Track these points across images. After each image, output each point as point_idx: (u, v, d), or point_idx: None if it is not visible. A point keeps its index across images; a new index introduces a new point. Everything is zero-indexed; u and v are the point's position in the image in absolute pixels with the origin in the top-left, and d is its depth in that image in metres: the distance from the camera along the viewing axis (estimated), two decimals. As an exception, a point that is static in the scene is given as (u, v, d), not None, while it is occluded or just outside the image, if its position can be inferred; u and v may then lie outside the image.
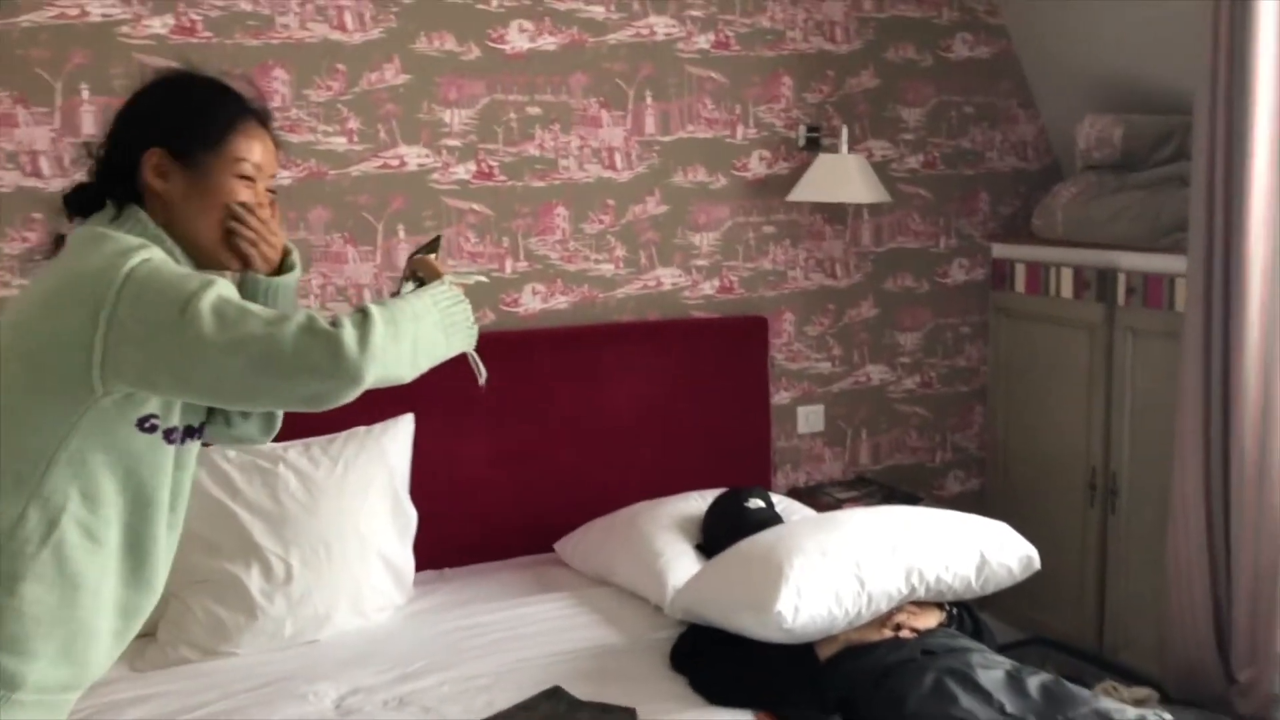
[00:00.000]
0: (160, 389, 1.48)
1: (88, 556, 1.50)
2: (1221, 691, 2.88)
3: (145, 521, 1.56)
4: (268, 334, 1.43)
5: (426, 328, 1.56)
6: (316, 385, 1.46)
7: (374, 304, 1.52)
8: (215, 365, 1.44)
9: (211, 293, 1.45)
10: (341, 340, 1.44)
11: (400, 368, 1.52)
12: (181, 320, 1.42)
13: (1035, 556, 2.47)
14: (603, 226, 3.23)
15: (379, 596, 2.66)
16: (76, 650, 1.52)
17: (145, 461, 1.53)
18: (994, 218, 3.75)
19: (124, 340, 1.43)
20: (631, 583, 2.76)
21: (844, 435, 3.64)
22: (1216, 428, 2.81)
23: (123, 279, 1.44)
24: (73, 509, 1.49)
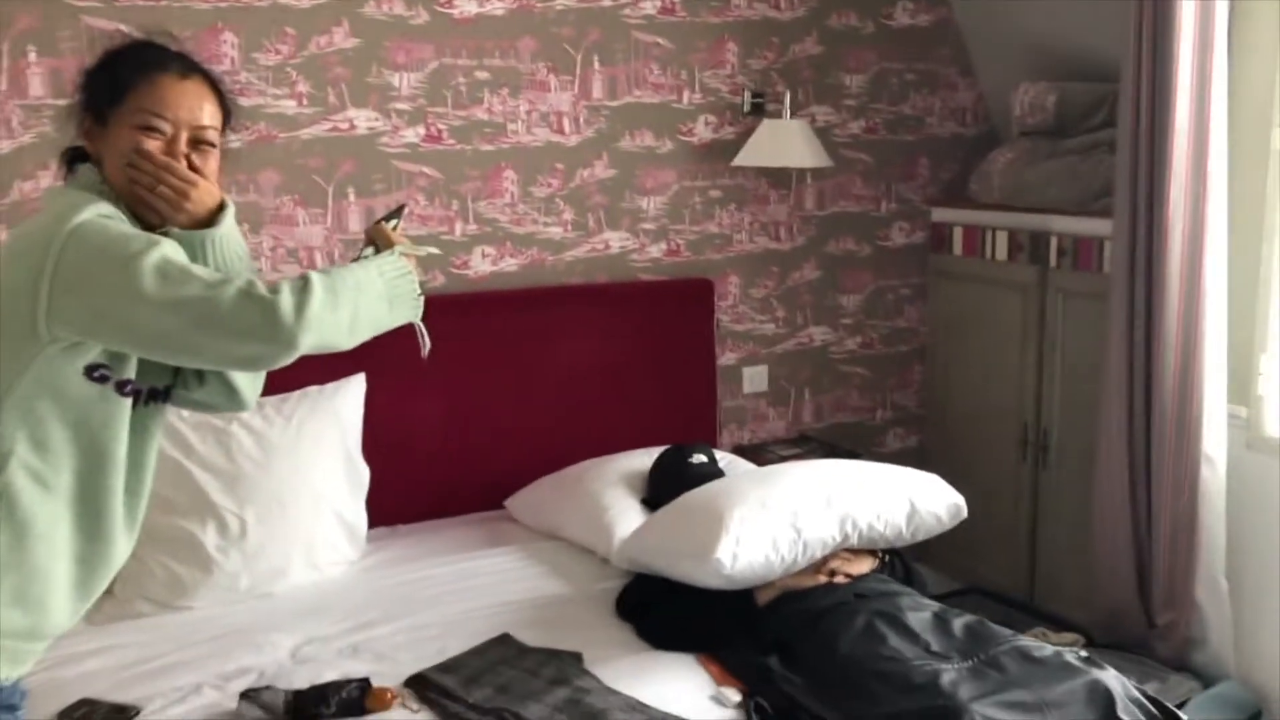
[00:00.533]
0: (104, 339, 1.55)
1: (37, 502, 1.56)
2: (1142, 635, 3.03)
3: (99, 473, 1.61)
4: (206, 296, 1.49)
5: (369, 298, 1.61)
6: (252, 348, 1.53)
7: (317, 272, 1.57)
8: (155, 321, 1.50)
9: (155, 253, 1.51)
10: (278, 306, 1.50)
11: (338, 335, 1.57)
12: (124, 276, 1.49)
13: (963, 505, 2.59)
14: (551, 190, 3.29)
15: (333, 551, 2.73)
16: (33, 596, 1.57)
17: (97, 412, 1.59)
18: (933, 182, 3.85)
19: (66, 290, 1.49)
20: (580, 536, 2.85)
21: (788, 395, 3.75)
22: (1139, 384, 2.93)
23: (67, 233, 1.50)
24: (21, 453, 1.55)
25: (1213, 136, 2.72)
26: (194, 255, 1.60)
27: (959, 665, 2.03)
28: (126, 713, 2.08)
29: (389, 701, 2.09)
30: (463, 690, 2.13)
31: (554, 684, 2.14)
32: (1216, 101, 2.71)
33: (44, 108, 2.71)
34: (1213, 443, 2.84)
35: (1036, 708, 1.88)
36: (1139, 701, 1.95)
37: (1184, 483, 2.87)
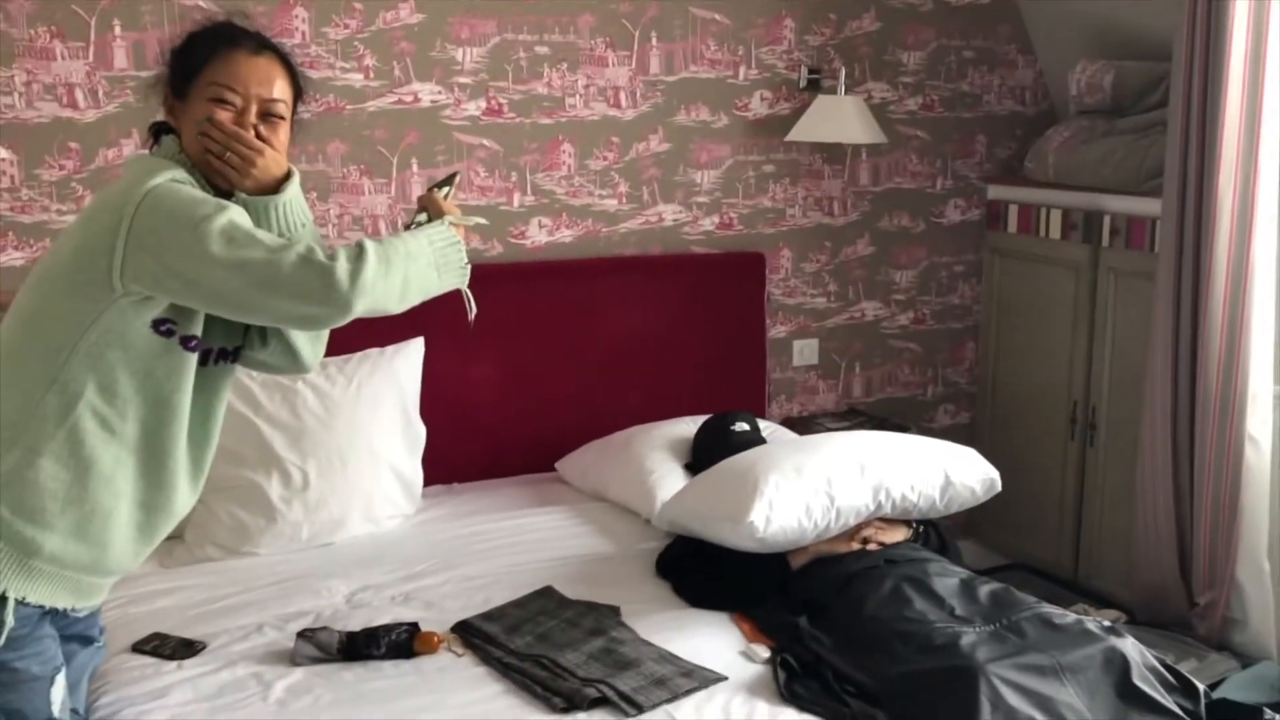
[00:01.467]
0: (171, 295, 1.68)
1: (101, 444, 1.70)
2: (1183, 614, 3.05)
3: (163, 423, 1.75)
4: (269, 259, 1.62)
5: (419, 266, 1.71)
6: (308, 309, 1.65)
7: (371, 240, 1.68)
8: (219, 280, 1.63)
9: (223, 216, 1.64)
10: (334, 272, 1.61)
11: (389, 301, 1.68)
12: (193, 237, 1.61)
13: (997, 479, 2.63)
14: (607, 163, 3.38)
15: (389, 505, 2.86)
16: (93, 531, 1.72)
17: (162, 365, 1.72)
18: (990, 160, 3.86)
19: (140, 248, 1.63)
20: (624, 498, 2.95)
21: (838, 368, 3.80)
22: (1184, 365, 2.94)
23: (143, 194, 1.64)
24: (89, 397, 1.69)
25: (1265, 118, 2.71)
26: (258, 220, 1.72)
27: (980, 629, 2.08)
28: (194, 646, 2.23)
29: (435, 645, 2.21)
30: (505, 637, 2.24)
31: (591, 634, 2.25)
32: (1270, 83, 2.71)
33: (127, 79, 2.86)
34: (1257, 423, 2.85)
35: (1053, 671, 1.94)
36: (1155, 670, 2.00)
37: (1227, 463, 2.88)
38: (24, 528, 1.67)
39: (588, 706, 2.01)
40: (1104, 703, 1.91)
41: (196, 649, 2.23)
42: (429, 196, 1.86)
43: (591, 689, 2.03)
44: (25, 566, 1.67)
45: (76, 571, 1.73)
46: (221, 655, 2.21)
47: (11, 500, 1.67)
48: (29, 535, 1.67)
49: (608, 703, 2.01)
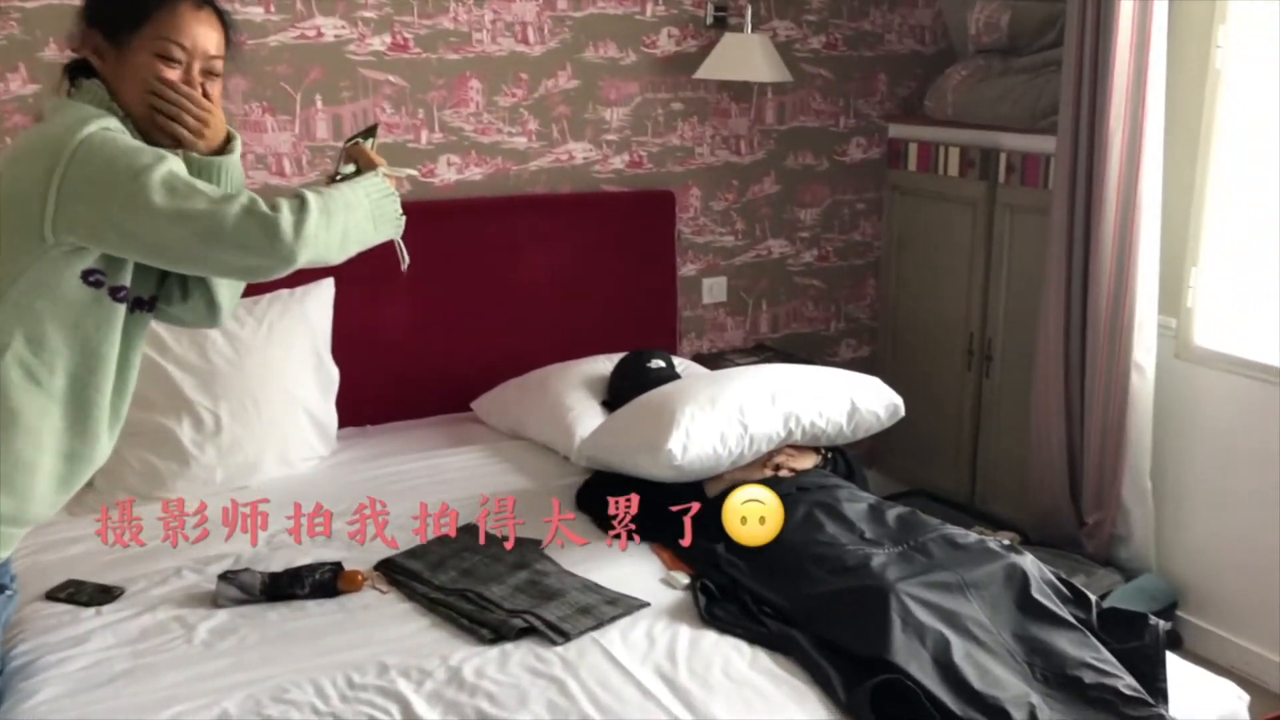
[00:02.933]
0: (107, 246, 1.64)
1: (26, 395, 1.67)
2: (1073, 533, 3.22)
3: (91, 374, 1.72)
4: (212, 210, 1.60)
5: (357, 217, 1.72)
6: (252, 260, 1.64)
7: (310, 191, 1.68)
8: (161, 232, 1.60)
9: (163, 167, 1.60)
10: (278, 224, 1.61)
11: (330, 252, 1.69)
12: (133, 187, 1.58)
13: (900, 404, 2.73)
14: (516, 100, 3.36)
15: (304, 448, 2.85)
16: (17, 484, 1.69)
17: (92, 316, 1.69)
18: (891, 99, 3.94)
19: (74, 198, 1.58)
20: (542, 436, 2.98)
21: (745, 305, 3.87)
22: (1076, 296, 3.08)
23: (78, 142, 1.59)
24: (15, 348, 1.65)
25: (1153, 57, 2.82)
26: (206, 180, 1.70)
27: (889, 550, 2.18)
28: (111, 592, 2.21)
29: (359, 583, 2.23)
30: (429, 573, 2.27)
31: (515, 567, 2.29)
32: (1158, 22, 2.81)
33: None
34: (1143, 351, 3.00)
35: (958, 587, 2.05)
36: (1052, 584, 2.12)
37: (1115, 390, 3.03)
38: None
39: (515, 637, 2.05)
40: (1006, 615, 2.02)
41: (114, 595, 2.21)
42: (358, 149, 1.86)
43: (518, 619, 2.08)
44: None
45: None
46: (140, 600, 2.20)
47: None
48: None
49: (535, 633, 2.06)
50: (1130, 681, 1.89)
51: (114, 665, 1.99)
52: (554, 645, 2.03)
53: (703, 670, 1.97)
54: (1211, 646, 3.04)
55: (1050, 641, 1.97)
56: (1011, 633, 1.99)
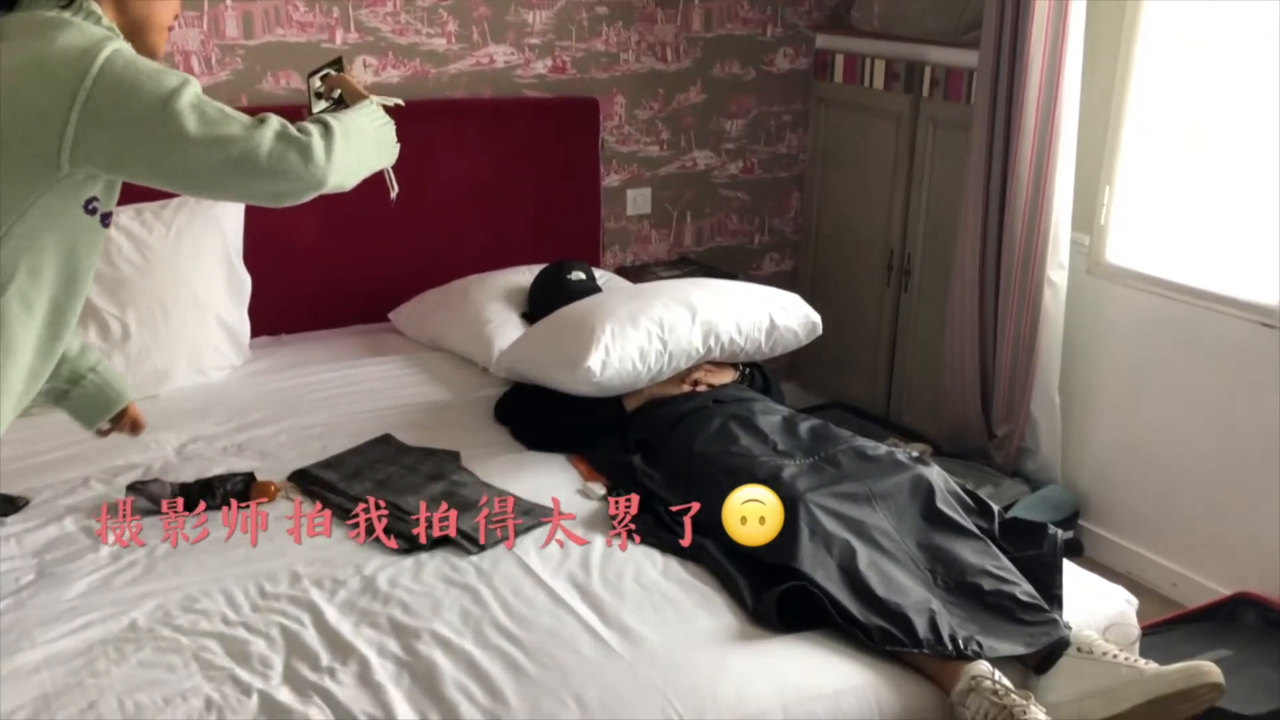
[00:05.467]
0: (129, 173, 1.57)
1: (20, 325, 1.61)
2: (983, 445, 3.31)
3: (70, 298, 1.67)
4: (247, 135, 1.55)
5: (367, 143, 1.72)
6: (283, 185, 1.60)
7: (330, 116, 1.66)
8: (193, 158, 1.53)
9: (190, 90, 1.53)
10: (312, 148, 1.58)
11: (348, 177, 1.67)
12: (164, 113, 1.50)
13: (818, 322, 2.76)
14: (434, 0, 3.26)
15: (217, 356, 2.80)
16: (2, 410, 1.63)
17: (84, 242, 1.64)
18: (819, 8, 3.90)
19: (99, 125, 1.49)
20: (461, 347, 2.96)
21: (670, 217, 3.85)
22: (993, 212, 3.11)
23: (100, 66, 1.48)
24: (19, 281, 1.58)
25: (1076, -27, 2.82)
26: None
27: (800, 462, 2.22)
28: (15, 503, 2.17)
29: (273, 493, 2.21)
30: (344, 484, 2.26)
31: (431, 479, 2.29)
32: (1083, -62, 2.81)
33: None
34: (1056, 268, 3.05)
35: (865, 498, 2.09)
36: (957, 494, 2.18)
37: (1027, 305, 3.09)
38: None
39: (430, 546, 2.06)
40: (911, 525, 2.08)
41: (19, 505, 2.17)
42: (342, 79, 1.85)
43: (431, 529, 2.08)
44: None
45: None
46: (46, 510, 2.16)
47: None
48: None
49: (450, 542, 2.07)
50: (1027, 588, 1.96)
51: (19, 576, 1.96)
52: (468, 554, 2.04)
53: (615, 579, 2.00)
54: (1111, 554, 3.17)
55: (952, 550, 2.02)
56: (916, 542, 2.04)
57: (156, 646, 1.79)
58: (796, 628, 1.86)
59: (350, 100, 1.81)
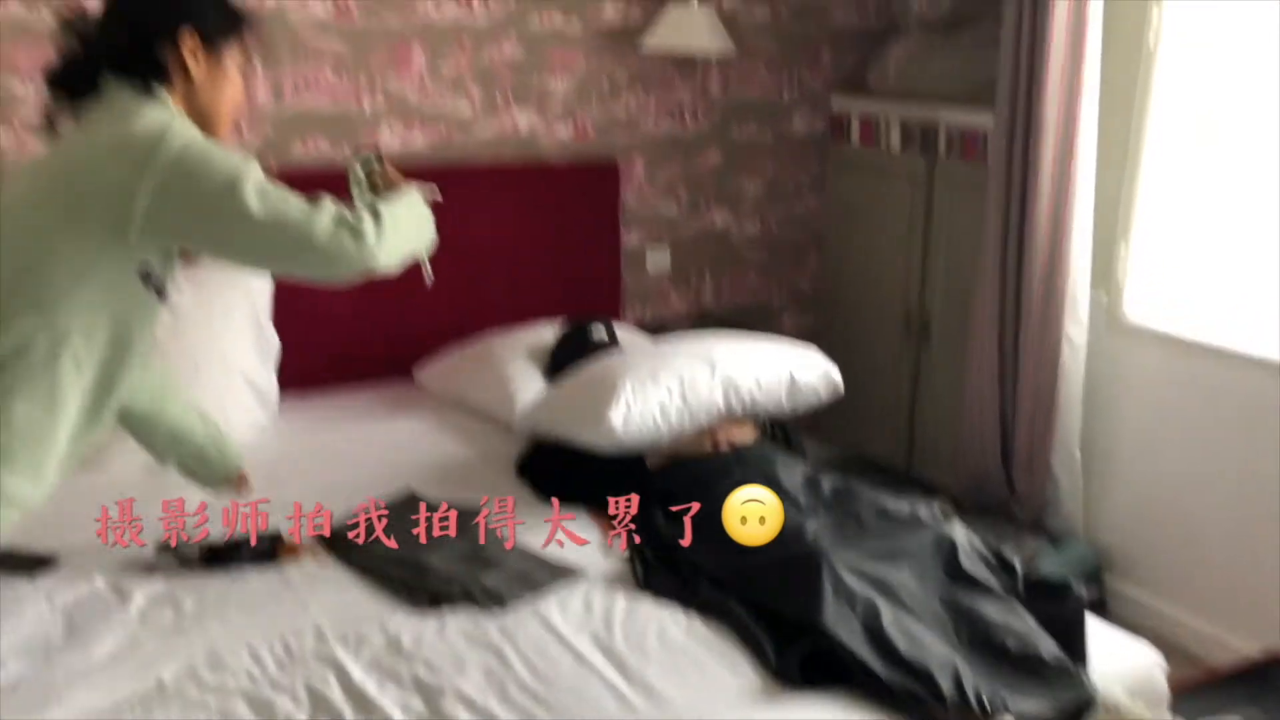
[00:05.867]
0: (191, 246, 1.73)
1: (72, 385, 1.71)
2: (1004, 500, 3.30)
3: (119, 364, 1.76)
4: (305, 217, 1.68)
5: (410, 231, 1.84)
6: (337, 266, 1.72)
7: (379, 203, 1.79)
8: (255, 236, 1.67)
9: (255, 172, 1.68)
10: (364, 232, 1.71)
11: (393, 260, 1.80)
12: (230, 192, 1.64)
13: (838, 378, 2.78)
14: (460, 68, 3.34)
15: (245, 416, 2.84)
16: (44, 469, 1.72)
17: (137, 310, 1.75)
18: (835, 72, 3.96)
19: (169, 199, 1.62)
20: (484, 404, 3.00)
21: (689, 276, 3.89)
22: (1011, 269, 3.14)
23: (175, 147, 1.62)
24: (74, 341, 1.68)
25: (1089, 34, 2.87)
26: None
27: (823, 519, 2.23)
28: (46, 560, 2.20)
29: (299, 553, 2.23)
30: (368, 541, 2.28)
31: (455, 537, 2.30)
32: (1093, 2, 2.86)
33: None
34: (1074, 324, 3.07)
35: (888, 556, 2.10)
36: (980, 552, 2.18)
37: (1046, 361, 3.11)
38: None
39: (453, 603, 2.07)
40: (934, 582, 2.08)
41: (49, 563, 2.20)
42: (383, 172, 1.97)
43: (455, 586, 2.10)
44: None
45: (12, 508, 1.71)
46: (76, 569, 2.18)
47: None
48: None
49: (472, 599, 2.08)
50: (1052, 647, 1.95)
51: (48, 635, 1.98)
52: (492, 613, 2.05)
53: (639, 637, 2.00)
54: (1136, 611, 3.14)
55: (977, 608, 2.02)
56: (939, 600, 2.04)
57: (184, 705, 1.80)
58: (820, 685, 1.86)
59: (390, 188, 1.93)
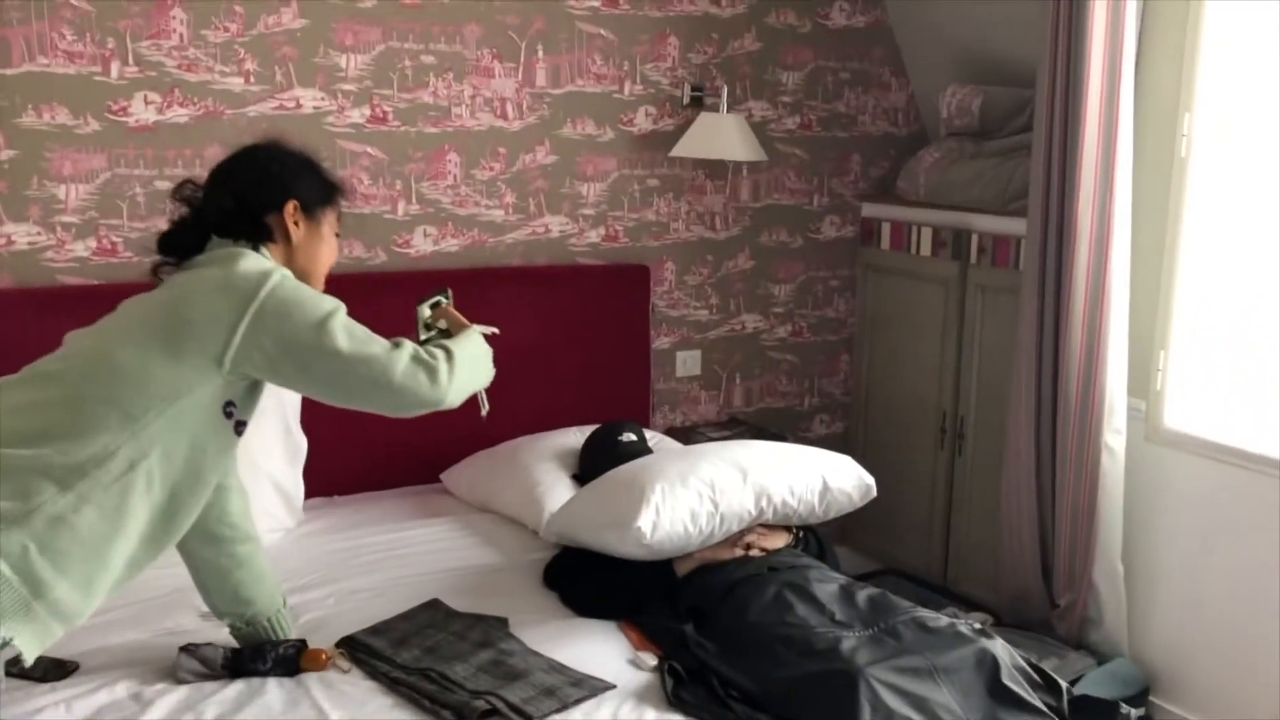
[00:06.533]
0: (279, 377, 1.86)
1: (140, 503, 1.78)
2: (1044, 615, 3.20)
3: (188, 491, 1.86)
4: (387, 355, 1.85)
5: (473, 370, 2.00)
6: (410, 401, 1.88)
7: (449, 344, 1.97)
8: (339, 370, 1.83)
9: (342, 312, 1.87)
10: (439, 373, 1.88)
11: (460, 397, 1.96)
12: (321, 328, 1.82)
13: (873, 484, 2.73)
14: (493, 174, 3.38)
15: (270, 519, 2.81)
16: (96, 583, 1.76)
17: (214, 440, 1.87)
18: (865, 178, 3.99)
19: (264, 332, 1.80)
20: (511, 509, 2.96)
21: (719, 379, 3.87)
22: (1046, 377, 3.10)
23: (274, 285, 1.83)
24: (152, 459, 1.78)
25: (1120, 142, 2.88)
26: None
27: (859, 633, 2.16)
28: (66, 666, 2.15)
29: (323, 661, 2.18)
30: (391, 651, 2.23)
31: (479, 646, 2.25)
32: (1124, 109, 2.87)
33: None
34: (1112, 433, 3.01)
35: (928, 673, 2.02)
36: (1023, 669, 2.10)
37: (1085, 471, 3.04)
38: (44, 569, 1.69)
39: (477, 719, 2.01)
40: (976, 702, 2.00)
41: (69, 669, 2.15)
42: (447, 312, 2.16)
43: (481, 701, 2.04)
44: (27, 609, 1.68)
45: (58, 620, 1.73)
46: (97, 674, 2.14)
47: (43, 539, 1.69)
48: (46, 577, 1.69)
49: (497, 714, 2.02)
50: (1101, 771, 1.87)
51: (64, 744, 1.93)
52: (518, 728, 1.99)
53: (670, 761, 1.93)
54: (1184, 733, 3.02)
55: (1021, 729, 1.94)
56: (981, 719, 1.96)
57: (198, 821, 1.74)
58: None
59: (454, 329, 2.09)
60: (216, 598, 2.20)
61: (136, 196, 2.95)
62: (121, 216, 2.94)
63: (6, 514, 1.68)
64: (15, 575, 1.66)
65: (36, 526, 1.69)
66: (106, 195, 2.92)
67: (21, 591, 1.66)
